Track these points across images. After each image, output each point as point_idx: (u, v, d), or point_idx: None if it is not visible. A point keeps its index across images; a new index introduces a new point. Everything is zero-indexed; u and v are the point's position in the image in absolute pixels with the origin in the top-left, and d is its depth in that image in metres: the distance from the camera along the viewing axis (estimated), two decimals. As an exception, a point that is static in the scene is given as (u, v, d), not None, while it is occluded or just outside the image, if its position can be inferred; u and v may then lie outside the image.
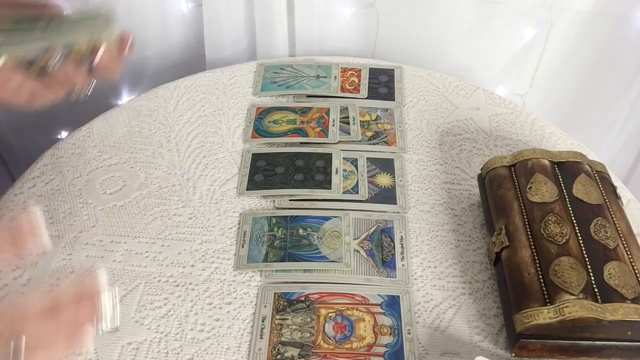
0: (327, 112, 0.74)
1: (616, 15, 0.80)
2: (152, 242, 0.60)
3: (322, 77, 0.79)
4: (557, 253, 0.51)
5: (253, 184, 0.66)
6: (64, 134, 0.99)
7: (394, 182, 0.66)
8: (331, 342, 0.52)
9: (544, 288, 0.50)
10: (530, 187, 0.57)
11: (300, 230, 0.61)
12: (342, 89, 0.78)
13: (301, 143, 0.71)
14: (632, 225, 0.55)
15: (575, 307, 0.47)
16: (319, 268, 0.58)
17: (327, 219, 0.62)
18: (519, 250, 0.53)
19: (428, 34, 0.88)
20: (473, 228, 0.62)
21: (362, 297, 0.56)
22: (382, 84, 0.79)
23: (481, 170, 0.63)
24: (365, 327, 0.53)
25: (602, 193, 0.57)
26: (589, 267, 0.50)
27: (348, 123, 0.73)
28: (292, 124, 0.72)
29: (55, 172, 0.67)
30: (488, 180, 0.61)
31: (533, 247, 0.53)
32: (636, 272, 0.50)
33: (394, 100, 0.77)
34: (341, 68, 0.81)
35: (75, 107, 0.97)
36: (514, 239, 0.54)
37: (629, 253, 0.52)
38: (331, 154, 0.69)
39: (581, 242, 0.52)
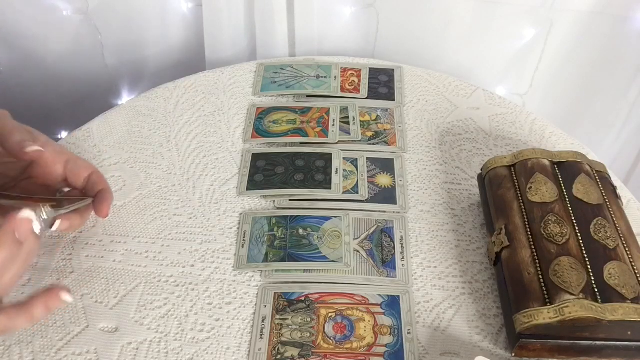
0: (327, 112, 0.74)
1: (616, 15, 0.80)
2: (152, 242, 0.60)
3: (322, 77, 0.79)
4: (557, 253, 0.51)
5: (253, 184, 0.66)
6: (64, 134, 1.00)
7: (394, 182, 0.66)
8: (331, 342, 0.52)
9: (544, 288, 0.50)
10: (530, 187, 0.57)
11: (300, 230, 0.61)
12: (342, 89, 0.78)
13: (301, 143, 0.71)
14: (632, 225, 0.55)
15: (575, 307, 0.47)
16: (319, 268, 0.58)
17: (327, 219, 0.62)
18: (519, 250, 0.53)
19: (428, 34, 0.88)
20: (473, 228, 0.62)
21: (362, 297, 0.56)
22: (382, 84, 0.79)
23: (481, 170, 0.63)
24: (365, 327, 0.53)
25: (602, 193, 0.57)
26: (589, 267, 0.50)
27: (348, 123, 0.73)
28: (292, 124, 0.72)
29: (55, 172, 0.66)
30: (488, 180, 0.61)
31: (533, 247, 0.53)
32: (636, 272, 0.50)
33: (394, 100, 0.77)
34: (341, 68, 0.81)
35: (75, 107, 0.97)
36: (514, 239, 0.54)
37: (629, 253, 0.52)
38: (331, 154, 0.69)
39: (581, 242, 0.52)
